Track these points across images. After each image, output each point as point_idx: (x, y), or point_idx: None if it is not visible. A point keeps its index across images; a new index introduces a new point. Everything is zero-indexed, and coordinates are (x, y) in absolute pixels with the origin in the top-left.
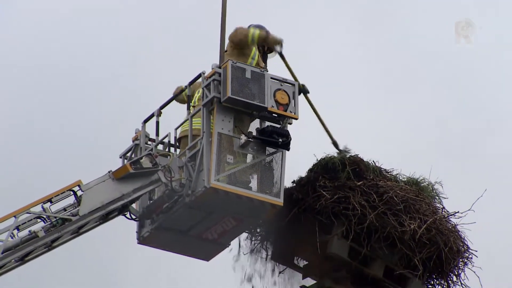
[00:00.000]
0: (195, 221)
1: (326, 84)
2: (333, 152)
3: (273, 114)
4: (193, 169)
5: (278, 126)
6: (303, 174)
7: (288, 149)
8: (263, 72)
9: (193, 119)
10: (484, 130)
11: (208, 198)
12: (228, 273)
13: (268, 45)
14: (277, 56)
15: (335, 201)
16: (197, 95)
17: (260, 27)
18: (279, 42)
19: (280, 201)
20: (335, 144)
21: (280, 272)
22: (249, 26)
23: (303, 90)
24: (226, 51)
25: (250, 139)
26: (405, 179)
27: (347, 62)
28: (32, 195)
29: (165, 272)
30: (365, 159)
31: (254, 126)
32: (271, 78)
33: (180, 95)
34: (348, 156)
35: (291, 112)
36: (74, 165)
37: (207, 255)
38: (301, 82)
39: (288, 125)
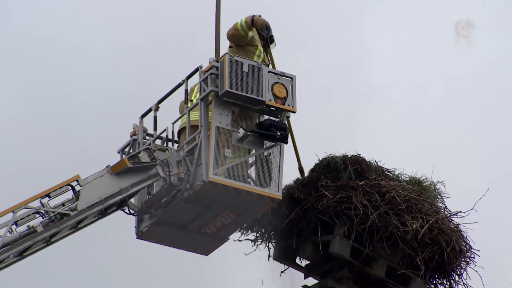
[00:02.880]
0: (194, 215)
1: None
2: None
3: (271, 108)
4: (191, 163)
5: (276, 119)
6: (305, 174)
7: (286, 143)
8: (261, 66)
9: (191, 112)
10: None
11: (206, 192)
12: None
13: (257, 28)
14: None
15: (337, 201)
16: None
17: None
18: (266, 25)
19: (278, 194)
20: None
21: (282, 272)
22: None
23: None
24: (231, 46)
25: (248, 133)
26: (407, 178)
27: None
28: (31, 190)
29: (164, 267)
30: (367, 159)
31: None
32: (269, 71)
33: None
34: (350, 155)
35: (289, 105)
36: (72, 160)
37: (206, 250)
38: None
39: (286, 119)
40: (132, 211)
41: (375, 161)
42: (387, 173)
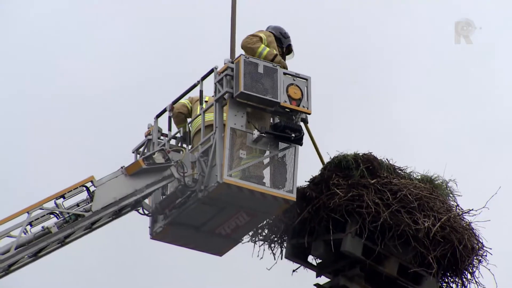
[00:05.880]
0: (208, 216)
1: None
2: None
3: (286, 109)
4: (205, 164)
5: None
6: (317, 172)
7: (301, 144)
8: (276, 67)
9: (206, 112)
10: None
11: (221, 193)
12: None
13: None
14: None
15: (349, 199)
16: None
17: (277, 28)
18: (284, 67)
19: (293, 196)
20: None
21: (294, 270)
22: (267, 28)
23: (304, 120)
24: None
25: (263, 134)
26: (419, 176)
27: None
28: (45, 190)
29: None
30: (378, 157)
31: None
32: (284, 73)
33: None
34: (361, 154)
35: (304, 107)
36: (86, 160)
37: (220, 251)
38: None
39: (304, 123)
40: (146, 212)
41: (387, 159)
42: (399, 171)
